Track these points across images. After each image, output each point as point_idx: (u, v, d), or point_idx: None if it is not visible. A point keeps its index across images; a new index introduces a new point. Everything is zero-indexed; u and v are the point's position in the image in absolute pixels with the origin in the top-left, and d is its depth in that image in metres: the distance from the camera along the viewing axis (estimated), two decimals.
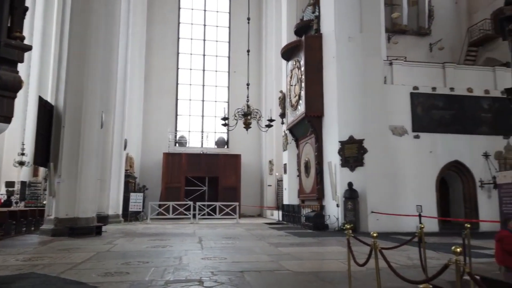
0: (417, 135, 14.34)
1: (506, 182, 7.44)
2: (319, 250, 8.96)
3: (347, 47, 14.58)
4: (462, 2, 21.16)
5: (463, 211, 14.77)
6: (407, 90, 14.57)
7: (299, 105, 17.09)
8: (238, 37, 26.63)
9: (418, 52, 19.62)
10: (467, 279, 4.68)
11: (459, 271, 2.96)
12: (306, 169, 17.16)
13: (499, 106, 14.52)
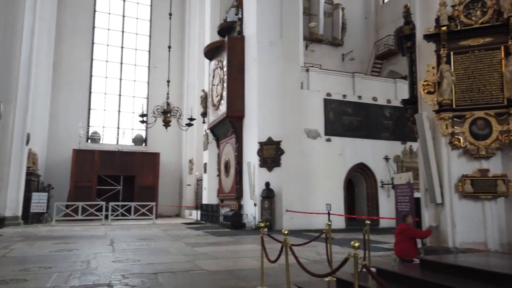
0: (329, 138, 15.38)
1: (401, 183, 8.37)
2: (236, 248, 9.13)
3: (268, 51, 15.06)
4: (371, 18, 23.22)
5: (366, 209, 16.23)
6: (321, 96, 15.54)
7: (220, 105, 17.17)
8: (159, 32, 25.80)
9: (332, 61, 21.05)
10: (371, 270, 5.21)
11: (357, 264, 3.29)
12: (226, 169, 17.32)
13: (399, 114, 16.24)
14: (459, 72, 6.32)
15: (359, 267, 3.26)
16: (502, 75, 6.04)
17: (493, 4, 6.17)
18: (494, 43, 6.14)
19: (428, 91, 6.55)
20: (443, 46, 6.39)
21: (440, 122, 6.38)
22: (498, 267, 4.53)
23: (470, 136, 6.20)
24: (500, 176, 6.03)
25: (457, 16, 6.36)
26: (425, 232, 6.40)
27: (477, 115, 6.18)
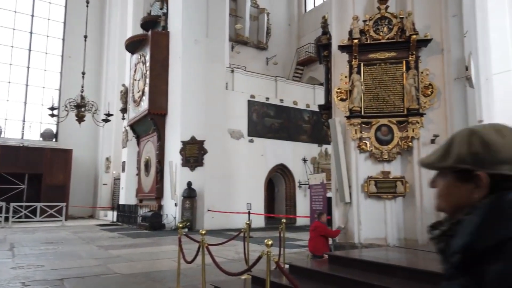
0: (252, 139, 15.70)
1: (316, 183, 8.88)
2: (153, 250, 8.86)
3: (193, 49, 14.87)
4: (294, 25, 24.22)
5: (285, 208, 16.89)
6: (245, 97, 15.79)
7: (142, 101, 16.51)
8: (75, 19, 23.91)
9: (257, 63, 21.52)
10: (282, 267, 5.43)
11: (269, 262, 3.43)
12: (146, 168, 16.70)
13: (316, 118, 17.16)
14: (368, 82, 6.91)
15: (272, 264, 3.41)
16: (403, 87, 6.74)
17: (398, 23, 6.86)
18: (398, 57, 6.83)
19: (341, 98, 7.05)
20: (355, 57, 6.93)
21: (351, 127, 6.91)
22: (395, 260, 5.05)
23: (375, 141, 6.81)
24: (400, 178, 6.73)
25: (368, 31, 6.95)
26: (334, 232, 6.88)
27: (382, 122, 6.81)
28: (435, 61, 6.73)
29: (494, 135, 0.82)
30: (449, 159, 0.86)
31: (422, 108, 6.62)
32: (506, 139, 0.81)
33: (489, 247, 0.75)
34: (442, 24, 6.72)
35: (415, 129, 6.61)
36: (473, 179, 0.82)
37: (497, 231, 0.76)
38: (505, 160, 0.79)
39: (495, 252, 0.74)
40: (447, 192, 0.88)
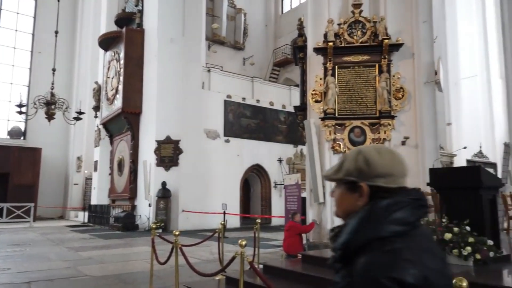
0: (228, 139, 15.66)
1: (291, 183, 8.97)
2: (125, 251, 8.70)
3: (169, 48, 14.69)
4: (270, 26, 24.33)
5: (260, 208, 16.95)
6: (221, 97, 15.74)
7: (116, 100, 16.17)
8: (46, 14, 23.11)
9: (233, 63, 21.49)
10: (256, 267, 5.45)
11: (243, 262, 3.44)
12: (120, 168, 16.37)
13: (292, 119, 17.32)
14: (342, 85, 7.05)
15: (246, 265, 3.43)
16: (376, 90, 6.91)
17: (371, 27, 7.03)
18: (371, 61, 6.99)
19: (316, 100, 7.16)
20: (330, 60, 7.05)
21: (325, 128, 7.02)
22: None
23: (349, 142, 6.95)
24: None
25: (342, 34, 7.09)
26: (309, 226, 6.97)
27: (355, 124, 6.96)
28: (406, 65, 6.94)
29: (375, 154, 1.00)
30: (340, 172, 1.03)
31: (393, 110, 6.80)
32: (383, 158, 1.00)
33: (361, 244, 0.92)
34: (413, 29, 6.93)
35: (387, 131, 6.79)
36: (358, 189, 0.99)
37: (367, 232, 0.92)
38: (381, 174, 0.97)
39: (365, 248, 0.90)
40: (340, 200, 1.04)
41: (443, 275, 0.89)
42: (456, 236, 3.96)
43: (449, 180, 4.57)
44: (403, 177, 1.01)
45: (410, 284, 0.82)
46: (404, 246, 0.88)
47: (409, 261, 0.85)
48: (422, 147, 6.68)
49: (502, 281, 3.75)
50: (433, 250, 0.92)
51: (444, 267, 0.92)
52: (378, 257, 0.87)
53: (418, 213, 0.96)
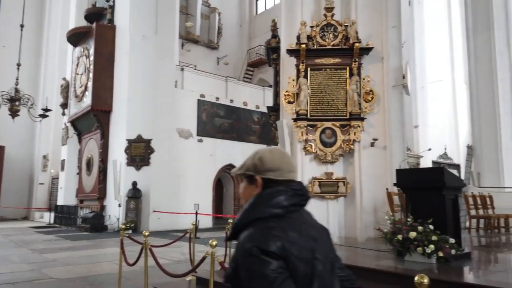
0: (201, 139, 15.55)
1: None
2: (94, 253, 8.48)
3: (141, 45, 14.41)
4: (245, 26, 24.36)
5: (233, 208, 16.93)
6: (195, 96, 15.61)
7: (85, 97, 15.71)
8: (11, 6, 22.14)
9: (207, 63, 21.36)
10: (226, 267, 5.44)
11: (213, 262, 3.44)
12: (88, 167, 15.92)
13: (266, 120, 17.40)
14: (314, 86, 7.15)
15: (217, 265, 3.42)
16: (346, 92, 7.06)
17: (343, 30, 7.17)
18: (342, 64, 7.14)
19: (289, 101, 7.23)
20: (302, 62, 7.15)
21: (297, 129, 7.11)
22: None
23: (320, 143, 7.07)
24: (341, 179, 7.03)
25: (314, 36, 7.20)
26: None
27: (326, 125, 7.08)
28: (376, 69, 7.13)
29: (267, 154, 1.25)
30: (242, 169, 1.26)
31: (363, 112, 6.97)
32: (273, 156, 1.23)
33: (246, 223, 1.14)
34: (382, 34, 7.13)
35: (357, 133, 6.95)
36: (254, 181, 1.22)
37: (251, 214, 1.15)
38: (271, 169, 1.21)
39: (248, 226, 1.12)
40: (243, 192, 1.26)
41: (304, 249, 1.08)
42: (420, 234, 4.11)
43: (414, 181, 4.74)
44: (290, 172, 1.24)
45: (271, 252, 1.03)
46: (275, 225, 1.10)
47: (275, 236, 1.06)
48: (390, 149, 6.88)
49: (463, 278, 3.93)
50: (302, 229, 1.12)
51: (310, 243, 1.11)
52: (253, 232, 1.10)
53: (293, 200, 1.17)
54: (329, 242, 1.23)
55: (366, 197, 6.82)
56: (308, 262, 1.07)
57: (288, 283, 1.02)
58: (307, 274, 1.06)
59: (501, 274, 4.10)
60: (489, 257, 5.40)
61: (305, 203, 1.21)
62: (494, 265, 4.80)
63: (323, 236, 1.20)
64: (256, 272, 1.02)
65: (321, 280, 1.09)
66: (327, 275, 1.11)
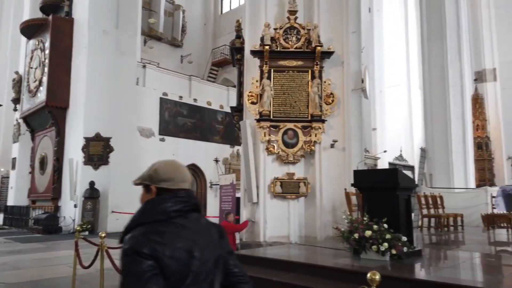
0: (163, 138, 15.27)
1: (226, 184, 9.01)
2: (46, 256, 8.09)
3: (101, 40, 13.92)
4: (210, 25, 24.20)
5: None
6: (157, 94, 15.30)
7: (39, 92, 14.97)
8: None
9: (171, 61, 21.00)
10: None
11: None
12: (42, 166, 15.17)
13: (229, 120, 17.39)
14: (277, 88, 7.24)
15: None
16: (308, 94, 7.20)
17: (305, 34, 7.31)
18: (304, 66, 7.27)
19: (252, 102, 7.27)
20: (266, 63, 7.21)
21: (260, 130, 7.16)
22: (295, 256, 5.37)
23: (282, 144, 7.16)
24: (302, 179, 7.17)
25: (278, 39, 7.28)
26: (243, 225, 7.05)
27: (288, 126, 7.19)
28: (336, 72, 7.33)
29: (162, 165, 1.38)
30: (140, 179, 1.39)
31: (324, 115, 7.14)
32: (167, 167, 1.37)
33: (131, 227, 1.28)
34: (343, 38, 7.34)
35: (318, 134, 7.10)
36: (150, 190, 1.35)
37: (136, 219, 1.30)
38: (164, 179, 1.34)
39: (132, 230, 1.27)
40: (141, 199, 1.38)
41: (179, 250, 1.22)
42: (375, 233, 4.28)
43: (370, 181, 4.93)
44: (182, 182, 1.36)
45: (142, 253, 1.17)
46: (153, 229, 1.24)
47: (150, 239, 1.20)
48: (349, 150, 7.10)
49: (414, 274, 4.13)
50: (180, 233, 1.26)
51: (187, 244, 1.24)
52: (132, 236, 1.23)
53: (177, 206, 1.30)
54: (219, 241, 1.37)
55: (325, 197, 7.00)
56: (181, 261, 1.21)
57: (156, 279, 1.16)
58: (182, 271, 1.20)
59: (450, 270, 4.34)
60: (439, 254, 5.71)
61: (188, 209, 1.33)
62: (444, 262, 5.08)
63: (209, 237, 1.33)
64: (129, 269, 1.17)
65: (196, 276, 1.23)
66: (204, 272, 1.26)
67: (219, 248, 1.35)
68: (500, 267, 4.50)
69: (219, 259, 1.33)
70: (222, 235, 1.40)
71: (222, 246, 1.37)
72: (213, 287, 1.28)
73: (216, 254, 1.32)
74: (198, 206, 1.39)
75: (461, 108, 13.04)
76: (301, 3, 7.48)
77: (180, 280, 1.20)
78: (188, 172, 1.42)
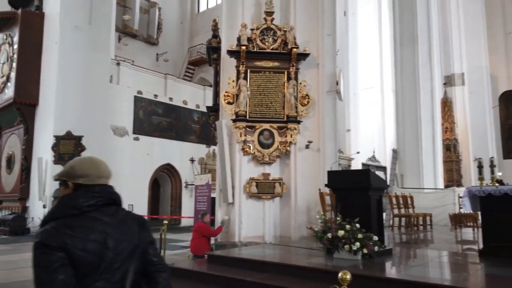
0: (137, 137, 15.02)
1: (201, 184, 8.95)
2: (13, 258, 7.80)
3: (73, 36, 13.53)
4: (186, 23, 23.96)
5: (169, 208, 16.57)
6: (131, 92, 15.02)
7: (6, 88, 14.45)
8: None
9: (146, 58, 20.66)
10: None
11: None
12: (9, 164, 14.64)
13: (206, 119, 17.28)
14: (253, 88, 7.25)
15: None
16: (284, 95, 7.25)
17: (282, 35, 7.36)
18: (280, 67, 7.32)
19: (228, 102, 7.25)
20: (242, 63, 7.21)
21: (236, 130, 7.16)
22: (269, 256, 5.40)
23: (258, 145, 7.18)
24: (278, 180, 7.21)
25: (255, 39, 7.30)
26: (217, 231, 7.02)
27: (264, 127, 7.22)
28: (312, 74, 7.41)
29: (78, 162, 1.45)
30: (58, 175, 1.44)
31: (299, 116, 7.21)
32: (82, 165, 1.43)
33: (45, 222, 1.33)
34: (319, 41, 7.44)
35: (293, 135, 7.17)
36: (68, 186, 1.41)
37: (50, 214, 1.35)
38: (80, 175, 1.40)
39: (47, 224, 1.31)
40: (61, 195, 1.42)
41: (91, 241, 1.28)
42: (347, 233, 4.36)
43: (343, 182, 5.02)
44: (99, 178, 1.44)
45: (51, 245, 1.23)
46: (65, 223, 1.30)
47: (60, 233, 1.26)
48: (324, 151, 7.20)
49: (384, 273, 4.23)
50: (93, 226, 1.32)
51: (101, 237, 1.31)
52: (44, 230, 1.29)
53: (90, 201, 1.36)
54: (138, 232, 1.44)
55: (300, 197, 7.07)
56: (95, 252, 1.28)
57: (64, 269, 1.23)
58: (95, 262, 1.28)
59: (419, 268, 4.48)
60: (409, 252, 5.88)
61: (102, 203, 1.40)
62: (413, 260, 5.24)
63: (125, 229, 1.40)
64: (38, 261, 1.24)
65: (109, 265, 1.31)
66: (118, 261, 1.34)
67: (137, 239, 1.42)
68: (466, 265, 4.68)
69: (136, 249, 1.40)
70: (143, 227, 1.47)
71: (141, 237, 1.44)
72: (126, 275, 1.36)
73: (133, 245, 1.40)
74: (115, 200, 1.46)
75: (431, 111, 13.48)
76: (277, 5, 7.52)
77: (93, 270, 1.28)
78: (107, 168, 1.50)
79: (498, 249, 4.49)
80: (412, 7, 13.77)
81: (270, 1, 7.30)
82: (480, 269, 4.34)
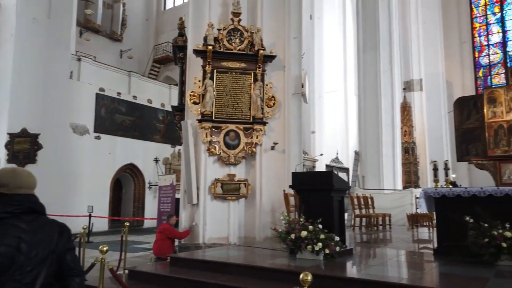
0: (98, 136, 14.52)
1: (165, 184, 8.78)
2: None
3: (30, 29, 12.88)
4: (152, 20, 23.46)
5: (132, 209, 16.15)
6: (93, 90, 14.52)
7: None
8: None
9: (109, 55, 20.02)
10: (121, 273, 5.15)
11: (103, 268, 3.24)
12: None
13: (171, 119, 16.98)
14: (220, 89, 7.22)
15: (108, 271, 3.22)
16: (250, 96, 7.27)
17: (249, 36, 7.38)
18: (247, 69, 7.33)
19: (194, 101, 7.17)
20: (209, 63, 7.15)
21: (202, 130, 7.09)
22: (233, 258, 5.38)
23: (224, 145, 7.15)
24: (243, 181, 7.21)
25: (221, 39, 7.27)
26: (184, 233, 6.91)
27: (230, 128, 7.20)
28: (278, 76, 7.49)
29: (0, 172, 1.60)
30: None
31: (265, 117, 7.25)
32: (3, 174, 1.57)
33: None
34: (285, 43, 7.52)
35: (259, 136, 7.20)
36: None
37: None
38: (1, 184, 1.54)
39: None
40: None
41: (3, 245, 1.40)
42: (310, 233, 4.44)
43: (306, 183, 5.10)
44: (19, 188, 1.56)
45: None
46: None
47: None
48: (289, 152, 7.29)
49: (345, 273, 4.34)
50: (7, 231, 1.44)
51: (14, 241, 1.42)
52: None
53: (8, 209, 1.47)
54: (57, 239, 1.54)
55: (265, 198, 7.11)
56: (6, 255, 1.40)
57: None
58: (5, 264, 1.40)
59: (379, 267, 4.63)
60: (369, 252, 6.07)
61: (20, 211, 1.50)
62: (373, 259, 5.41)
63: (41, 235, 1.50)
64: None
65: (21, 268, 1.42)
66: (30, 265, 1.44)
67: (54, 245, 1.52)
68: (422, 263, 4.89)
69: (50, 255, 1.50)
70: (63, 234, 1.58)
71: (59, 243, 1.54)
72: (37, 278, 1.45)
73: (48, 250, 1.50)
74: (35, 208, 1.58)
75: (391, 115, 14.00)
76: (244, 6, 7.53)
77: (4, 271, 1.40)
78: (30, 179, 1.63)
79: (451, 248, 4.72)
80: (374, 14, 14.26)
81: (237, 1, 7.30)
82: (435, 267, 4.55)
